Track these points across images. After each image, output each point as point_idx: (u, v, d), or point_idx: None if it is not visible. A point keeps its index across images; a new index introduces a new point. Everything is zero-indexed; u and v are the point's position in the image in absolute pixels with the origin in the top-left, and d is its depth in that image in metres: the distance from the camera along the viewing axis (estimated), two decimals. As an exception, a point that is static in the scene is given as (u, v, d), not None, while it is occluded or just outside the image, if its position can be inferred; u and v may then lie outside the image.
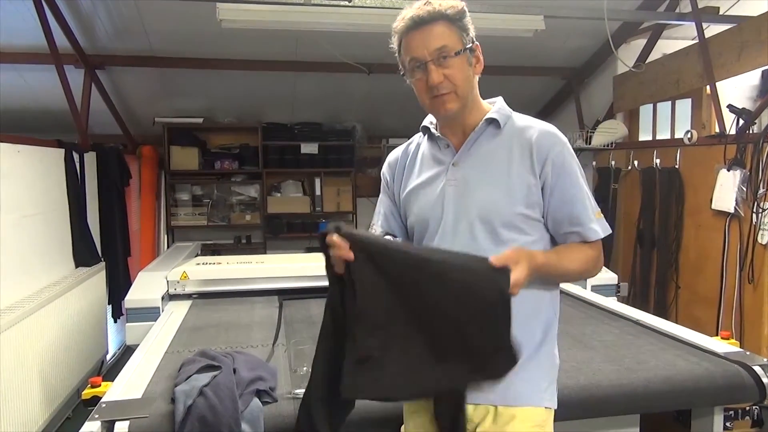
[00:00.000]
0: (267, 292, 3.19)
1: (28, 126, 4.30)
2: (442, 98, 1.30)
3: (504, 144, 1.34)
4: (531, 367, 1.29)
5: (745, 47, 3.33)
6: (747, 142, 3.22)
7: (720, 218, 3.44)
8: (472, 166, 1.34)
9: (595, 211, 1.33)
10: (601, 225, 1.33)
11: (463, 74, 1.30)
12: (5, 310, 2.70)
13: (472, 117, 1.36)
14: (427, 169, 1.41)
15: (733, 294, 3.34)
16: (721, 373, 1.93)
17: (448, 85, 1.29)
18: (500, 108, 1.38)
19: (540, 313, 1.34)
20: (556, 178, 1.30)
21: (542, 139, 1.31)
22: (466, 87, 1.31)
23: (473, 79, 1.34)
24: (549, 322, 1.36)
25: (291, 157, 5.39)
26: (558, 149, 1.31)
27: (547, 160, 1.30)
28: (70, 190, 3.58)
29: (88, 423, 1.60)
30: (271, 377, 1.84)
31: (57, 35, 3.66)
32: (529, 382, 1.30)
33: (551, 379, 1.36)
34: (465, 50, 1.29)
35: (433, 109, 1.35)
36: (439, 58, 1.27)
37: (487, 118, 1.35)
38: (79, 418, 2.95)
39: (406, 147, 1.51)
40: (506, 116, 1.37)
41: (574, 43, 4.53)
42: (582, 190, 1.32)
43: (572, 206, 1.31)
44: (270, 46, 4.23)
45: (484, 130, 1.35)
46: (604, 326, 2.49)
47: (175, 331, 2.52)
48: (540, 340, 1.33)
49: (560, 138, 1.33)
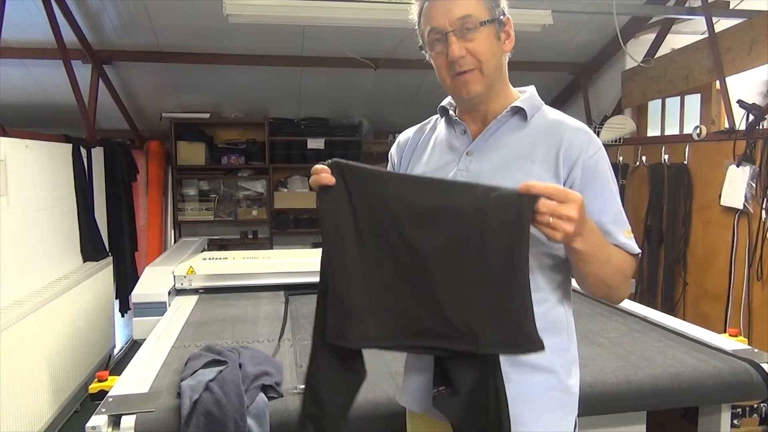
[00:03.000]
0: (273, 287, 3.19)
1: (35, 121, 4.33)
2: (464, 77, 1.14)
3: (528, 139, 1.17)
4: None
5: (755, 42, 3.29)
6: (757, 138, 3.19)
7: (729, 214, 3.41)
8: (488, 158, 1.19)
9: (625, 228, 1.15)
10: (634, 243, 1.16)
11: (490, 49, 1.14)
12: (13, 304, 2.72)
13: (497, 103, 1.20)
14: (438, 156, 1.26)
15: (742, 291, 3.32)
16: (728, 370, 1.92)
17: (472, 61, 1.13)
18: (530, 97, 1.22)
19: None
20: (585, 184, 1.12)
21: (574, 138, 1.15)
22: (493, 65, 1.15)
23: (502, 58, 1.18)
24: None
25: (297, 153, 5.39)
26: (591, 152, 1.14)
27: (577, 162, 1.13)
28: (77, 185, 3.60)
29: (95, 417, 1.61)
30: (276, 372, 1.84)
31: (64, 30, 3.67)
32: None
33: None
34: (493, 21, 1.14)
35: (455, 90, 1.19)
36: (462, 29, 1.12)
37: (513, 107, 1.19)
38: (86, 412, 2.97)
39: (421, 127, 1.36)
40: (535, 107, 1.21)
41: (582, 38, 4.50)
42: (614, 201, 1.15)
43: (599, 217, 1.11)
44: (276, 41, 4.22)
45: (507, 119, 1.20)
46: (611, 323, 2.48)
47: (181, 326, 2.53)
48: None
49: (595, 140, 1.17)
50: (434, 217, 1.00)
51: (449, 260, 1.00)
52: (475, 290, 0.99)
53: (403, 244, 1.01)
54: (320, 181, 1.03)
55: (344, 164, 1.04)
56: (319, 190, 1.04)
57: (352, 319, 1.02)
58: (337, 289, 1.03)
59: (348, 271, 1.03)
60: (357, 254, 1.03)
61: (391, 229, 1.01)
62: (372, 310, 1.02)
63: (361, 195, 1.03)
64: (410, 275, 1.02)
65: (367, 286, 1.02)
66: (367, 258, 1.03)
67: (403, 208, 1.01)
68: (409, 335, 1.03)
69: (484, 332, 0.99)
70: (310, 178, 1.05)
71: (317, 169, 1.04)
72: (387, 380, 1.82)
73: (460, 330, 1.00)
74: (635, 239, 1.18)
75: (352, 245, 1.03)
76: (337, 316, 1.03)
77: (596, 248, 1.07)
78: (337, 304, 1.03)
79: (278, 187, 5.57)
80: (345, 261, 1.03)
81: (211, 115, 5.22)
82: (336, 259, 1.04)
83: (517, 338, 0.99)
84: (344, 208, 1.03)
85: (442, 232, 1.00)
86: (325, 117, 5.47)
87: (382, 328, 1.03)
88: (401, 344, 1.07)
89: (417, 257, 1.01)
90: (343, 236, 1.03)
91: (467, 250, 0.99)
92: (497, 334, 0.99)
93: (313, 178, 1.04)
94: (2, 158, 2.74)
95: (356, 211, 1.03)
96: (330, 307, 1.04)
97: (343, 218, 1.03)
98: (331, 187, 1.03)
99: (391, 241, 1.02)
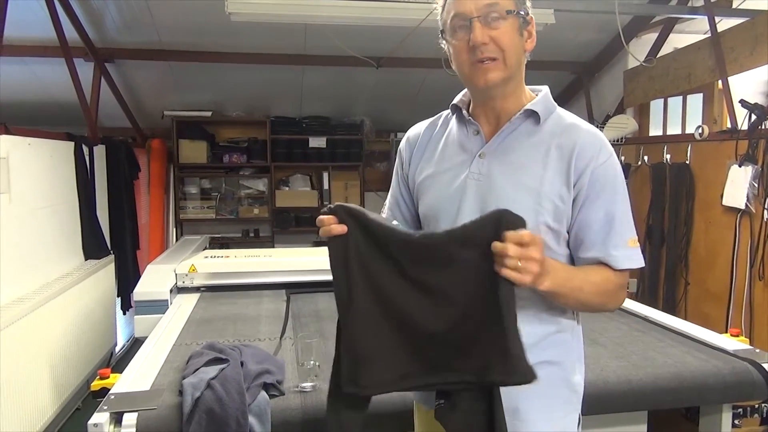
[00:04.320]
0: (275, 285, 3.20)
1: (37, 119, 4.33)
2: (485, 65, 1.12)
3: (542, 144, 1.16)
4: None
5: (758, 41, 3.29)
6: (759, 138, 3.19)
7: (731, 214, 3.41)
8: (502, 162, 1.17)
9: (629, 237, 1.15)
10: (633, 254, 1.15)
11: (513, 41, 1.13)
12: (15, 302, 2.72)
13: (511, 102, 1.19)
14: (449, 155, 1.24)
15: (743, 291, 3.32)
16: (729, 370, 1.92)
17: (494, 49, 1.11)
18: (544, 100, 1.20)
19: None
20: (590, 192, 1.12)
21: (586, 145, 1.14)
22: (515, 58, 1.14)
23: (522, 53, 1.16)
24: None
25: (299, 151, 5.39)
26: (602, 159, 1.13)
27: (587, 169, 1.12)
28: (79, 183, 3.60)
29: (97, 414, 1.61)
30: (278, 370, 1.84)
31: (66, 28, 3.67)
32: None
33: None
34: (518, 13, 1.13)
35: (473, 78, 1.15)
36: (488, 16, 1.11)
37: (527, 110, 1.17)
38: (88, 410, 2.97)
39: (432, 122, 1.33)
40: (549, 111, 1.20)
41: (584, 37, 4.50)
42: (619, 209, 1.14)
43: (601, 226, 1.12)
44: (278, 40, 4.22)
45: (521, 122, 1.18)
46: (612, 322, 2.48)
47: (183, 324, 2.53)
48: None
49: (607, 147, 1.16)
50: (431, 262, 1.02)
51: (450, 297, 1.02)
52: (474, 326, 1.02)
53: (408, 285, 1.03)
54: (332, 231, 1.03)
55: (350, 208, 1.06)
56: (329, 240, 1.05)
57: (365, 364, 1.05)
58: (350, 336, 1.05)
59: (360, 317, 1.05)
60: (368, 299, 1.05)
61: (395, 272, 1.04)
62: (384, 354, 1.05)
63: (365, 239, 1.04)
64: (418, 316, 1.04)
65: (378, 331, 1.05)
66: (378, 302, 1.05)
67: (405, 252, 1.04)
68: (422, 375, 1.06)
69: (483, 364, 1.02)
70: (320, 230, 1.06)
71: (324, 221, 1.04)
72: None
73: (465, 365, 1.03)
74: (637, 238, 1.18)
75: (364, 290, 1.05)
76: (351, 362, 1.05)
77: (563, 282, 1.07)
78: (349, 352, 1.06)
79: (280, 185, 5.57)
80: (357, 307, 1.05)
81: (213, 114, 5.22)
82: (348, 306, 1.05)
83: (511, 367, 1.01)
84: (353, 253, 1.04)
85: (441, 274, 1.02)
86: (327, 115, 5.47)
87: (394, 371, 1.05)
88: (413, 385, 1.11)
89: (422, 297, 1.03)
90: (354, 282, 1.05)
91: (462, 287, 1.02)
92: (493, 364, 1.01)
93: (323, 230, 1.05)
94: (4, 156, 2.75)
95: (362, 255, 1.04)
96: (344, 355, 1.06)
97: (353, 263, 1.05)
98: (342, 235, 1.04)
99: (395, 283, 1.04)
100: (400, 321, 1.04)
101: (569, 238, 1.17)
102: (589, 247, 1.14)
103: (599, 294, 1.14)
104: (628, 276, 1.18)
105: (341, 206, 1.05)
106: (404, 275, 1.04)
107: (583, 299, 1.13)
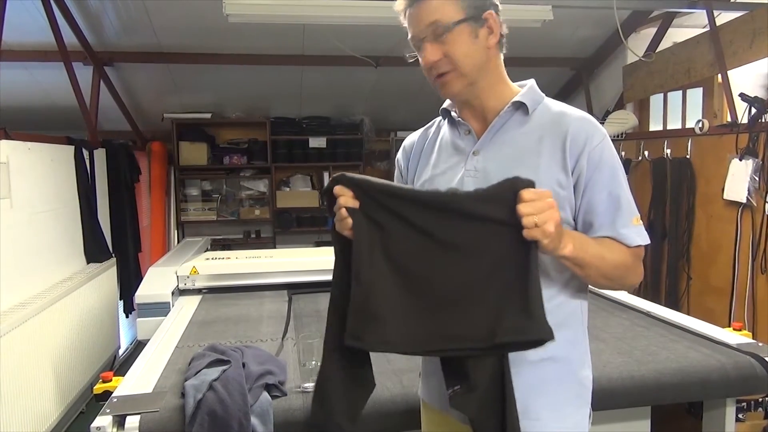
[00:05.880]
0: (276, 286, 3.20)
1: (37, 123, 4.34)
2: (442, 80, 1.16)
3: (533, 133, 1.17)
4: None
5: (757, 35, 3.28)
6: (759, 131, 3.18)
7: (732, 208, 3.41)
8: (495, 157, 1.18)
9: (634, 216, 1.16)
10: (641, 232, 1.16)
11: (464, 49, 1.14)
12: (18, 306, 2.72)
13: (494, 100, 1.20)
14: (445, 158, 1.26)
15: (746, 284, 3.31)
16: (733, 364, 1.91)
17: (447, 64, 1.14)
18: (530, 91, 1.21)
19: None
20: (591, 174, 1.13)
21: (578, 129, 1.15)
22: (470, 63, 1.15)
23: (483, 54, 1.16)
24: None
25: (299, 152, 5.40)
26: (596, 141, 1.14)
27: (583, 153, 1.13)
28: (80, 187, 3.61)
29: (100, 417, 1.62)
30: (280, 371, 1.84)
31: (65, 32, 3.67)
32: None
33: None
34: (466, 20, 1.13)
35: (439, 92, 1.21)
36: (433, 34, 1.13)
37: (514, 102, 1.18)
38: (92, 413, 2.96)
39: (425, 130, 1.36)
40: (536, 101, 1.20)
41: (582, 33, 4.49)
42: (621, 189, 1.15)
43: (607, 206, 1.14)
44: (277, 40, 4.22)
45: (510, 116, 1.19)
46: (614, 318, 2.48)
47: (185, 326, 2.53)
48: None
49: (599, 129, 1.16)
50: (446, 222, 1.03)
51: (476, 251, 1.03)
52: (491, 285, 1.02)
53: (430, 244, 1.04)
54: (347, 204, 1.06)
55: (356, 178, 1.07)
56: (350, 212, 1.06)
57: (374, 322, 1.04)
58: (361, 294, 1.05)
59: (373, 277, 1.05)
60: (382, 261, 1.06)
61: (410, 236, 1.05)
62: (395, 315, 1.04)
63: (379, 206, 1.06)
64: (431, 279, 1.04)
65: (390, 293, 1.05)
66: (391, 264, 1.06)
67: (417, 217, 1.05)
68: (428, 340, 1.05)
69: (499, 324, 1.00)
70: (334, 206, 1.08)
71: (340, 193, 1.07)
72: (390, 378, 1.82)
73: (479, 327, 1.02)
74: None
75: (379, 253, 1.06)
76: (359, 320, 1.05)
77: (585, 247, 1.09)
78: (360, 309, 1.05)
79: (280, 186, 5.57)
80: (371, 267, 1.05)
81: (212, 115, 5.23)
82: (363, 266, 1.06)
83: (530, 325, 1.00)
84: (370, 220, 1.06)
85: (468, 230, 1.03)
86: (327, 116, 5.48)
87: (401, 335, 1.04)
88: (418, 350, 1.10)
89: (437, 258, 1.04)
90: (372, 245, 1.06)
91: (481, 250, 1.03)
92: (510, 321, 1.00)
93: (339, 202, 1.07)
94: (5, 161, 2.75)
95: (378, 223, 1.06)
96: (352, 312, 1.05)
97: (371, 229, 1.06)
98: (362, 204, 1.06)
99: (411, 246, 1.05)
100: (417, 285, 1.05)
101: (576, 226, 1.17)
102: (597, 229, 1.15)
103: (619, 267, 1.14)
104: (643, 251, 1.18)
105: (342, 175, 1.07)
106: (425, 233, 1.04)
107: (605, 270, 1.13)
